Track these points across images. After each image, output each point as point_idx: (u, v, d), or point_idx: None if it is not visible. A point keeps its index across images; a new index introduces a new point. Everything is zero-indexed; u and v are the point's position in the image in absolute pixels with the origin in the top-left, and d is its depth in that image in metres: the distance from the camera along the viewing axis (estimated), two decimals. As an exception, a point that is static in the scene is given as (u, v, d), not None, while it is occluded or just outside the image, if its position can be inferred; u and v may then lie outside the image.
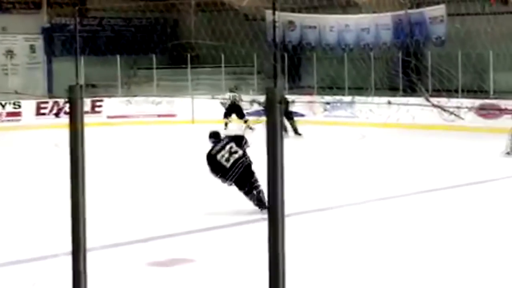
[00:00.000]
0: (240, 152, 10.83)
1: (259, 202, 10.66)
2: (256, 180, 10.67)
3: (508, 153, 16.06)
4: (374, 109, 21.96)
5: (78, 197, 3.16)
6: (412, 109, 20.45)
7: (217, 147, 11.02)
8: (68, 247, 3.32)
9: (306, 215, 10.41)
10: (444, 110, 21.11)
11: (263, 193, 10.59)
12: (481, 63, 23.29)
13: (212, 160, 10.97)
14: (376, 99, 22.49)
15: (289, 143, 9.84)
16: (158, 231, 10.13)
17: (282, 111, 2.80)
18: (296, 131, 21.44)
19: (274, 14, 25.75)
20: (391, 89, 24.39)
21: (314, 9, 27.02)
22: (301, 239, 8.61)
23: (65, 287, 3.38)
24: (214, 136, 11.28)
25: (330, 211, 11.30)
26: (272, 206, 2.84)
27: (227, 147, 10.97)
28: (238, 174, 10.75)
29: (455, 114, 21.75)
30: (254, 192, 10.76)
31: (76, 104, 3.14)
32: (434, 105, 19.47)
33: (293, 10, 27.21)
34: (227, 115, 23.68)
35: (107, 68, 26.85)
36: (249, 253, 8.61)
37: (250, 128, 23.21)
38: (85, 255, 3.26)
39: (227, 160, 10.84)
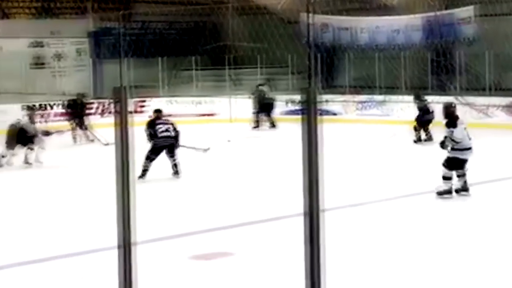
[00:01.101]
0: None
1: None
2: None
3: None
4: (404, 108, 21.86)
5: (125, 193, 3.13)
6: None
7: None
8: (115, 241, 3.36)
9: (339, 210, 10.39)
10: (474, 108, 20.99)
11: None
12: (509, 62, 23.10)
13: None
14: (407, 98, 22.38)
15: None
16: (200, 226, 10.20)
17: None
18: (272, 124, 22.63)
19: (308, 16, 25.74)
20: (421, 88, 24.26)
21: (347, 12, 26.96)
22: (335, 234, 8.63)
23: (114, 279, 3.41)
24: None
25: (362, 207, 11.29)
26: (309, 202, 2.82)
27: None
28: None
29: (483, 112, 21.59)
30: None
31: (121, 104, 3.13)
32: (463, 103, 19.34)
33: (326, 13, 27.16)
34: (258, 113, 23.72)
35: (150, 69, 27.02)
36: (287, 247, 8.63)
37: (274, 126, 23.26)
38: (132, 249, 3.29)
39: None
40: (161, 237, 9.29)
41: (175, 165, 14.15)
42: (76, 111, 20.89)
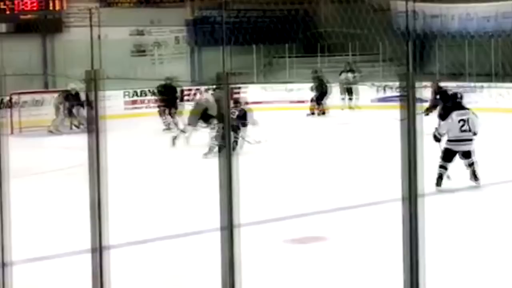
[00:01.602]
0: None
1: None
2: None
3: None
4: (494, 95, 21.52)
5: (231, 176, 3.20)
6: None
7: None
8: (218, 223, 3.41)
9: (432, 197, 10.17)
10: None
11: None
12: None
13: None
14: (498, 85, 22.05)
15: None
16: (295, 210, 10.29)
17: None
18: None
19: (407, 3, 25.38)
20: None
21: (438, -1, 26.63)
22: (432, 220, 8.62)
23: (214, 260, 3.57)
24: None
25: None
26: (408, 187, 2.73)
27: None
28: None
29: None
30: None
31: (225, 91, 3.20)
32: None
33: (415, 0, 26.82)
34: (318, 99, 23.58)
35: (246, 57, 27.22)
36: (382, 233, 8.67)
37: (323, 113, 23.14)
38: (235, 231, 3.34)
39: None
40: (257, 221, 9.33)
41: (235, 142, 14.44)
42: (168, 97, 20.87)
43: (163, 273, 7.70)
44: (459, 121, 11.44)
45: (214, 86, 18.40)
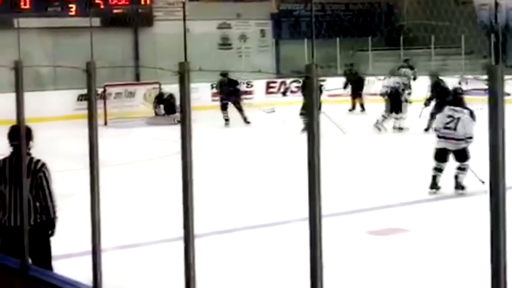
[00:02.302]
0: None
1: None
2: None
3: None
4: None
5: (315, 165, 3.17)
6: None
7: None
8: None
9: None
10: None
11: None
12: None
13: None
14: None
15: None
16: (377, 202, 10.27)
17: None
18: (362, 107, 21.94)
19: None
20: None
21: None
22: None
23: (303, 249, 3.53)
24: None
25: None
26: (495, 182, 2.61)
27: None
28: None
29: None
30: None
31: (312, 82, 3.01)
32: None
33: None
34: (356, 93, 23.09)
35: (328, 50, 27.06)
36: (463, 224, 8.60)
37: (363, 109, 22.52)
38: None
39: None
40: (340, 212, 9.37)
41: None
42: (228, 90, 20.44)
43: (251, 262, 7.71)
44: (447, 117, 10.73)
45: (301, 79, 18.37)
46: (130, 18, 25.53)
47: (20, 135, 4.56)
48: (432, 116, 15.20)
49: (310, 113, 3.08)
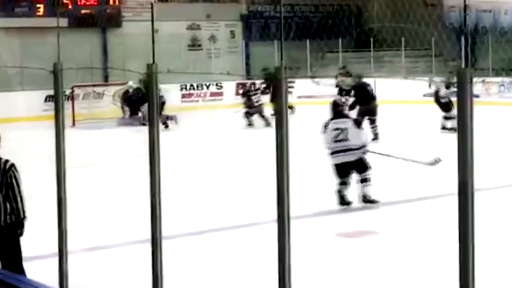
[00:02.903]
0: None
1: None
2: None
3: None
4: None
5: (283, 172, 3.20)
6: None
7: None
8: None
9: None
10: None
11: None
12: None
13: None
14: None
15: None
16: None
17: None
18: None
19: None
20: None
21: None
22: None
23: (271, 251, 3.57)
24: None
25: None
26: (463, 182, 2.66)
27: None
28: None
29: None
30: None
31: (281, 84, 3.11)
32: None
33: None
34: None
35: (297, 51, 27.14)
36: (432, 228, 8.54)
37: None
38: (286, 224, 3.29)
39: None
40: (310, 214, 9.35)
41: None
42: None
43: (219, 264, 7.69)
44: (334, 130, 10.16)
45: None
46: (98, 18, 25.41)
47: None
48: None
49: (278, 113, 3.12)
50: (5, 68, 19.87)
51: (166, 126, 18.32)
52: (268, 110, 18.77)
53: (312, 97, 23.70)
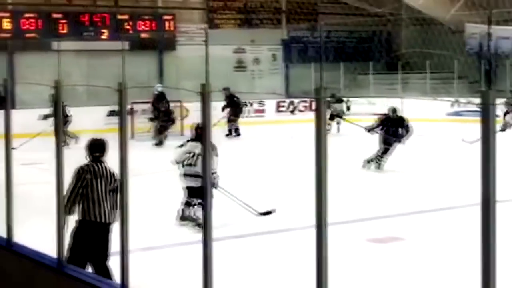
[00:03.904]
0: None
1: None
2: None
3: None
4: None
5: (321, 177, 3.10)
6: None
7: None
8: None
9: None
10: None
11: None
12: None
13: None
14: None
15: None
16: (377, 212, 10.19)
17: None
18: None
19: (489, 27, 24.46)
20: None
21: (505, 22, 25.81)
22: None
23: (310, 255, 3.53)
24: None
25: None
26: (486, 193, 2.59)
27: None
28: None
29: None
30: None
31: (320, 103, 3.08)
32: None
33: (490, 23, 26.10)
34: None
35: (333, 73, 27.12)
36: (455, 235, 8.51)
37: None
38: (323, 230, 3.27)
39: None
40: (343, 221, 9.22)
41: None
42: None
43: (261, 265, 7.69)
44: (187, 153, 9.15)
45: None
46: (156, 42, 25.71)
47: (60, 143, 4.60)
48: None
49: (317, 131, 3.10)
50: (75, 86, 20.14)
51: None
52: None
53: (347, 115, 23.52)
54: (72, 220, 6.05)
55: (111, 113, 19.55)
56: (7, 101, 5.29)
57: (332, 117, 20.38)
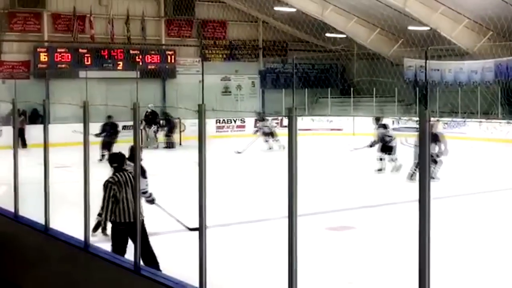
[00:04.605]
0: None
1: None
2: None
3: None
4: (481, 127, 20.90)
5: (293, 177, 3.14)
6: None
7: None
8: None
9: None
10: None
11: None
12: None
13: None
14: (483, 120, 21.49)
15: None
16: (333, 206, 10.20)
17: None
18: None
19: (426, 61, 24.59)
20: (491, 114, 23.22)
21: (438, 57, 26.15)
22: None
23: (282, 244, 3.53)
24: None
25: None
26: (423, 192, 2.57)
27: None
28: None
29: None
30: None
31: (292, 120, 3.12)
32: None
33: (427, 58, 26.40)
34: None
35: (299, 97, 27.27)
36: (396, 226, 8.46)
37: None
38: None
39: None
40: (308, 213, 9.14)
41: None
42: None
43: (241, 252, 7.63)
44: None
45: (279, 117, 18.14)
46: (160, 72, 25.89)
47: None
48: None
49: (290, 140, 3.17)
50: (97, 106, 20.05)
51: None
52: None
53: (310, 129, 23.74)
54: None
55: (125, 128, 19.49)
56: (45, 117, 5.31)
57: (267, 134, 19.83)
